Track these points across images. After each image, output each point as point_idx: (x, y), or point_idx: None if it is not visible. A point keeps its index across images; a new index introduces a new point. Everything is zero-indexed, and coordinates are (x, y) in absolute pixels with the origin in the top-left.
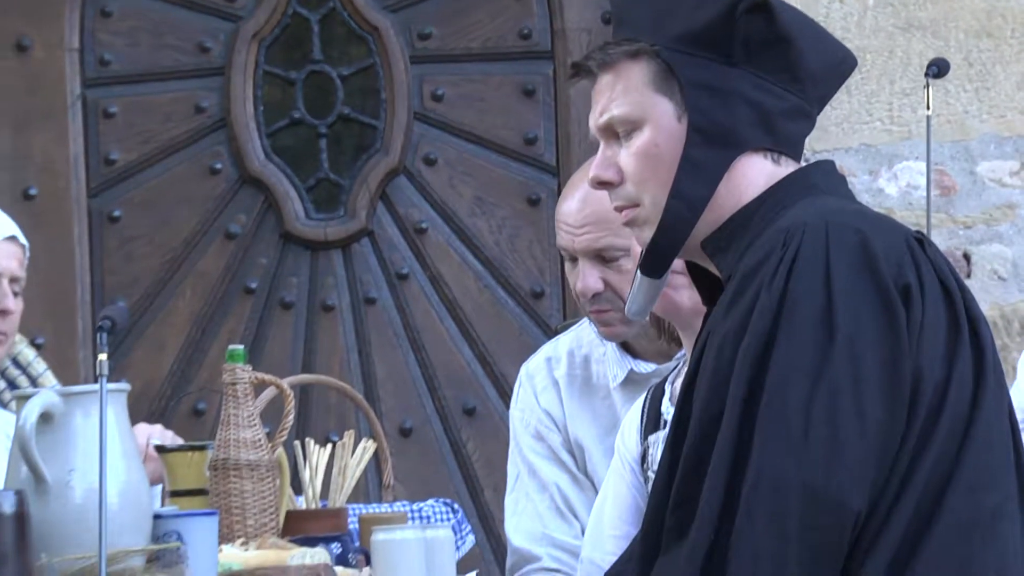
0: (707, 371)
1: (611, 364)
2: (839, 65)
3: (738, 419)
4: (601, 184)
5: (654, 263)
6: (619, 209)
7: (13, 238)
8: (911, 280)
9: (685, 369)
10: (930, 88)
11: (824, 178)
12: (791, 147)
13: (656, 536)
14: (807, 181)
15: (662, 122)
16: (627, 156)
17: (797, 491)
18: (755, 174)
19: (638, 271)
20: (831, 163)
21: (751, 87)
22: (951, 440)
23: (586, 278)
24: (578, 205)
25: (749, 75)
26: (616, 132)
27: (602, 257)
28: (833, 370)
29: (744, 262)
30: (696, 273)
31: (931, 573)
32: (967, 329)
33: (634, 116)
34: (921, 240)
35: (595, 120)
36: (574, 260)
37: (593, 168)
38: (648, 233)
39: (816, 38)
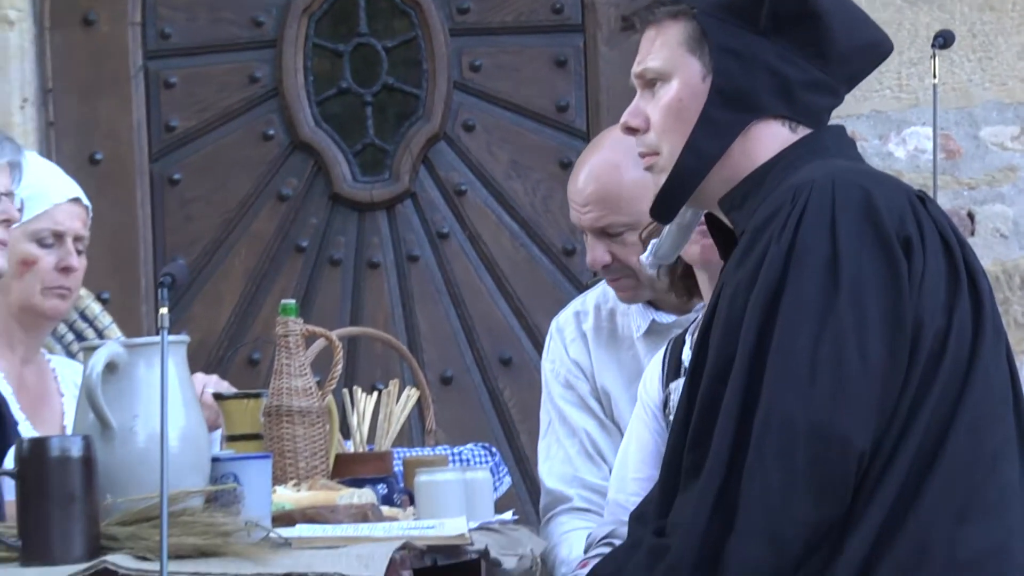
0: (721, 319)
1: (635, 316)
2: (872, 48)
3: (749, 363)
4: (628, 130)
5: (663, 208)
6: (642, 155)
7: (77, 200)
8: (912, 233)
9: None
10: (936, 58)
11: (835, 141)
12: (809, 117)
13: (675, 476)
14: (818, 144)
15: (688, 80)
16: (654, 107)
17: (804, 429)
18: (770, 138)
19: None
20: (841, 128)
21: (775, 57)
22: (951, 385)
23: (593, 252)
24: (581, 185)
25: (776, 46)
26: (649, 82)
27: (606, 233)
28: (838, 316)
29: (756, 217)
30: (714, 229)
31: (934, 511)
32: (966, 280)
33: (665, 70)
34: (923, 197)
35: (634, 69)
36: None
37: (624, 115)
38: (663, 180)
39: (849, 18)
